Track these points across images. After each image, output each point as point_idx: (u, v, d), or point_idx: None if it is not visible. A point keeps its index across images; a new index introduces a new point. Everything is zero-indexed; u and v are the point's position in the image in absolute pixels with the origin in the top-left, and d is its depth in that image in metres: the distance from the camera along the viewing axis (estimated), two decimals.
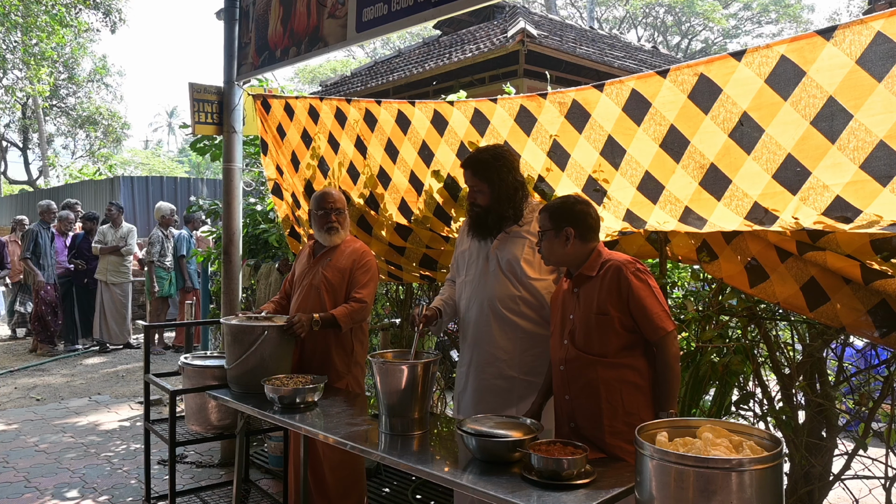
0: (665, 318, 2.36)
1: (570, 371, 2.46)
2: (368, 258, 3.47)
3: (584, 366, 2.42)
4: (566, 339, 2.49)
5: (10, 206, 20.77)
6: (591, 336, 2.41)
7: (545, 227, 2.52)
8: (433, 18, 3.04)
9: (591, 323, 2.41)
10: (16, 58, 19.51)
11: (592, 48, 12.58)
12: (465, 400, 2.95)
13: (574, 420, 2.46)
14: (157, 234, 8.86)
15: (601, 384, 2.38)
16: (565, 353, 2.48)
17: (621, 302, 2.37)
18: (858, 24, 2.11)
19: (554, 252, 2.52)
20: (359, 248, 3.50)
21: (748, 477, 1.64)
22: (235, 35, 4.51)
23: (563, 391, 2.51)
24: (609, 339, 2.39)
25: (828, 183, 2.26)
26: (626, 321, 2.38)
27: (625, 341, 2.39)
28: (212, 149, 5.53)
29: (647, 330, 2.37)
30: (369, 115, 3.90)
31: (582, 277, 2.49)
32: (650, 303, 2.36)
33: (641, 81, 2.71)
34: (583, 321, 2.44)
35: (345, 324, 3.31)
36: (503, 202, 2.84)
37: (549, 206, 2.55)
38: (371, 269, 3.45)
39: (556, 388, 2.57)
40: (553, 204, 2.56)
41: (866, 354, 2.86)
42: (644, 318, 2.35)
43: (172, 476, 3.49)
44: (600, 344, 2.40)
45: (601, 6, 31.98)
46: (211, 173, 27.73)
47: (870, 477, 2.68)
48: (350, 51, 33.42)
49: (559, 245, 2.49)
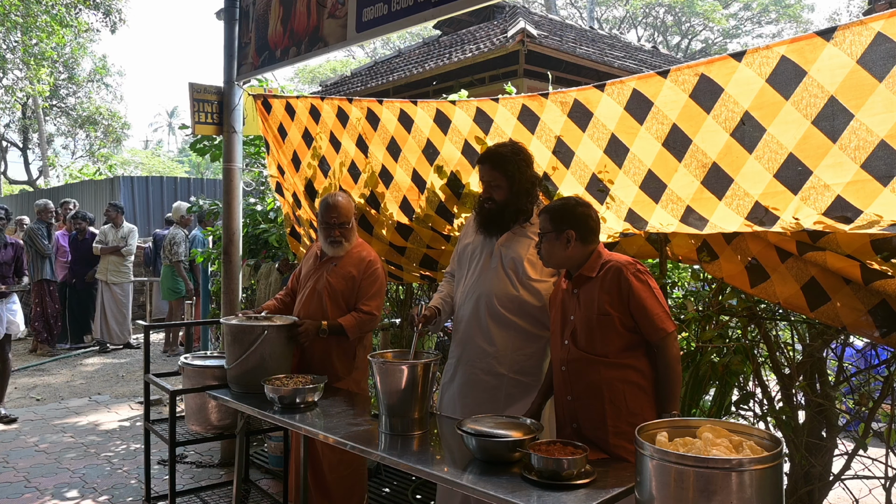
0: (665, 318, 2.36)
1: (572, 372, 2.46)
2: (376, 267, 3.43)
3: (587, 366, 2.41)
4: (567, 339, 2.48)
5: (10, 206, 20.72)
6: (593, 336, 2.41)
7: (546, 229, 2.51)
8: (433, 18, 3.04)
9: (592, 323, 2.41)
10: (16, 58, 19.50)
11: (592, 48, 12.58)
12: (451, 393, 2.94)
13: (577, 421, 2.45)
14: (180, 234, 8.77)
15: (604, 385, 2.37)
16: (567, 354, 2.48)
17: (622, 302, 2.37)
18: (858, 24, 2.12)
19: (554, 254, 2.51)
20: (366, 257, 3.44)
21: (748, 477, 1.64)
22: (235, 35, 4.51)
23: (564, 392, 2.50)
24: (611, 339, 2.38)
25: (829, 182, 2.27)
26: (626, 321, 2.37)
27: (626, 341, 2.38)
28: (212, 149, 5.53)
29: (647, 330, 2.36)
30: (371, 115, 3.90)
31: (582, 278, 2.48)
32: (651, 303, 2.35)
33: (642, 82, 2.72)
34: (584, 322, 2.43)
35: (352, 333, 3.31)
36: (522, 196, 2.83)
37: (549, 208, 2.54)
38: (379, 279, 3.42)
39: (557, 389, 2.56)
40: (553, 206, 2.55)
41: (866, 354, 2.86)
42: (645, 318, 2.35)
43: (172, 476, 3.49)
44: (602, 344, 2.39)
45: (601, 6, 31.98)
46: (211, 173, 27.73)
47: (870, 477, 2.68)
48: (350, 51, 33.42)
49: (560, 247, 2.48)
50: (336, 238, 3.39)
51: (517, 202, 2.83)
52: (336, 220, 3.38)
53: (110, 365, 8.35)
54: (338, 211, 3.39)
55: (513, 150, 2.85)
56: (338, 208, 3.39)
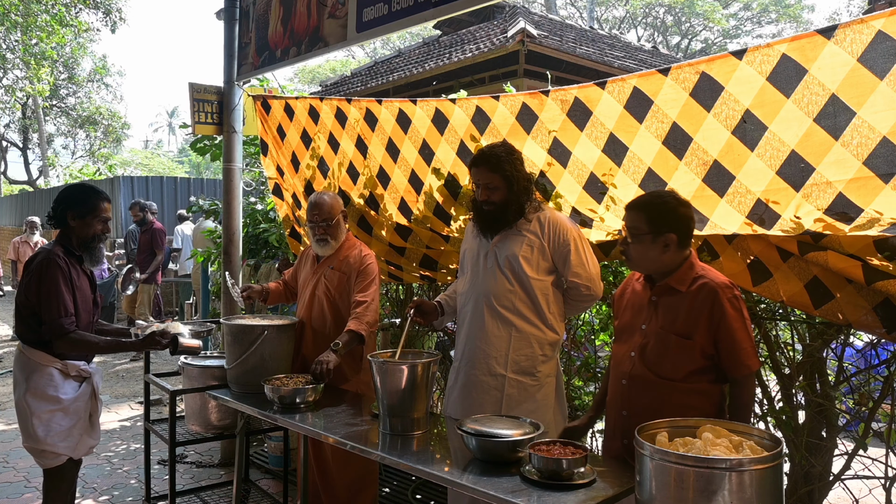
0: (752, 355, 2.16)
1: (634, 388, 2.28)
2: (369, 262, 3.41)
3: (651, 386, 2.23)
4: (634, 351, 2.29)
5: (10, 206, 20.78)
6: (665, 357, 2.21)
7: (640, 230, 2.22)
8: (433, 18, 3.03)
9: (669, 343, 2.21)
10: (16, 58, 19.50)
11: (592, 48, 12.58)
12: (453, 395, 2.94)
13: (628, 438, 2.24)
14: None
15: (665, 409, 2.14)
16: (631, 367, 2.28)
17: (709, 329, 2.15)
18: (859, 23, 2.12)
19: (647, 258, 2.24)
20: (357, 254, 3.43)
21: (748, 477, 1.64)
22: (235, 35, 4.51)
23: (620, 406, 2.32)
24: (683, 363, 2.19)
25: (831, 179, 2.27)
26: (707, 349, 2.17)
27: (699, 366, 2.19)
28: (212, 149, 5.53)
29: (729, 364, 2.16)
30: (370, 115, 3.90)
31: (667, 289, 2.24)
32: (741, 336, 2.14)
33: (643, 79, 2.72)
34: (658, 337, 2.23)
35: (364, 331, 3.23)
36: (521, 194, 2.82)
37: (644, 206, 2.25)
38: (372, 273, 3.39)
39: (612, 398, 2.38)
40: (650, 203, 2.25)
41: (866, 354, 2.85)
42: (731, 351, 2.14)
43: (172, 476, 3.48)
44: (673, 367, 2.20)
45: (601, 6, 31.98)
46: (211, 173, 27.74)
47: (870, 477, 2.68)
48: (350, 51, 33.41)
49: (655, 251, 2.21)
50: (321, 236, 3.40)
51: (517, 199, 2.82)
52: (318, 217, 3.38)
53: (110, 365, 8.35)
54: (320, 209, 3.39)
55: (507, 150, 2.84)
56: (319, 206, 3.39)
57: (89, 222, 3.02)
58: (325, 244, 3.41)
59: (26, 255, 10.17)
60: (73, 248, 3.02)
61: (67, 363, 2.98)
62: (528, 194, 2.85)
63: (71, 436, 3.00)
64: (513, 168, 2.80)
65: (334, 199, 3.45)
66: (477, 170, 2.85)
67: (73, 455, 3.05)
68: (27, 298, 2.91)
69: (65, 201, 3.03)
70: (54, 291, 2.86)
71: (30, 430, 2.95)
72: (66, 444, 2.99)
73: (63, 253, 2.96)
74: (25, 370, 2.95)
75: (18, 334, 3.02)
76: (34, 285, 2.88)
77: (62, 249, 2.98)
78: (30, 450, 3.01)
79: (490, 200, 2.83)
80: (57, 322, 2.85)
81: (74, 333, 2.89)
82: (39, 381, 2.93)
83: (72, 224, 3.01)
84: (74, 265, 3.00)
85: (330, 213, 3.39)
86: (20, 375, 2.98)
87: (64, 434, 2.97)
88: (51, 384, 2.94)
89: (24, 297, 2.93)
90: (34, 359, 2.94)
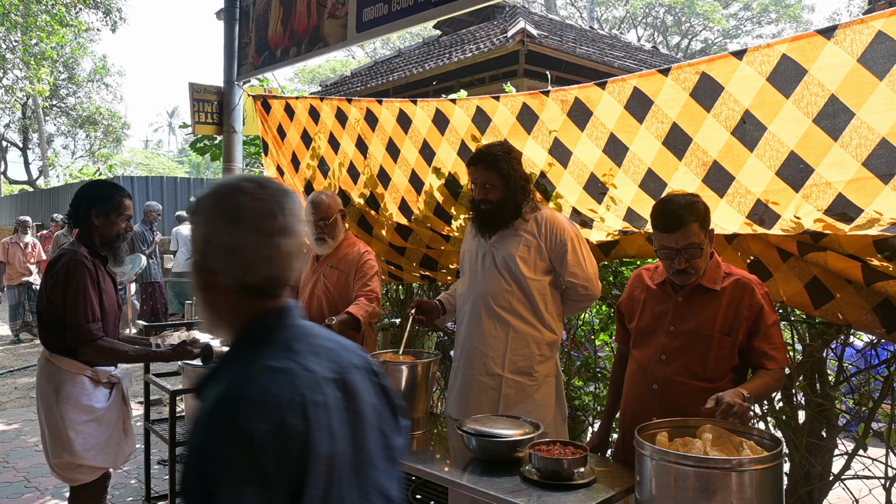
0: (785, 351, 2.19)
1: (667, 393, 2.22)
2: (368, 258, 3.42)
3: (687, 391, 2.19)
4: (665, 355, 2.25)
5: (10, 206, 20.79)
6: (706, 357, 2.18)
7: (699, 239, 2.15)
8: (433, 18, 3.04)
9: (710, 343, 2.18)
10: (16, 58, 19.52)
11: (592, 48, 12.59)
12: (452, 396, 2.95)
13: None
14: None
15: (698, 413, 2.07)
16: (663, 372, 2.24)
17: (747, 324, 2.16)
18: (859, 23, 2.12)
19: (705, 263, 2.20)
20: (356, 252, 3.43)
21: (748, 477, 1.64)
22: (235, 35, 4.51)
23: (649, 411, 2.22)
24: (723, 362, 2.18)
25: (831, 180, 2.27)
26: (741, 344, 2.18)
27: (732, 364, 2.19)
28: (212, 149, 5.53)
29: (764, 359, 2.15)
30: (370, 115, 3.90)
31: (700, 289, 2.21)
32: (775, 331, 2.17)
33: (643, 80, 2.72)
34: (694, 338, 2.20)
35: (363, 317, 3.23)
36: (518, 193, 2.82)
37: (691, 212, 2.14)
38: (373, 267, 3.40)
39: (639, 404, 2.31)
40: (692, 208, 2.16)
41: (866, 354, 2.85)
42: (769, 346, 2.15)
43: (172, 476, 3.48)
44: (714, 368, 2.18)
45: (601, 6, 31.99)
46: (211, 173, 27.73)
47: (870, 477, 2.68)
48: (350, 51, 33.42)
49: (707, 255, 2.20)
50: (318, 235, 3.40)
51: (515, 198, 2.82)
52: (316, 216, 3.38)
53: None
54: (317, 208, 3.38)
55: (504, 150, 2.85)
56: (317, 205, 3.39)
57: (114, 220, 2.85)
58: (323, 243, 3.42)
59: (16, 256, 9.94)
60: (96, 248, 2.85)
61: (98, 370, 2.81)
62: (526, 194, 2.85)
63: (108, 448, 2.83)
64: (510, 167, 2.80)
65: (332, 199, 3.45)
66: (474, 168, 2.85)
67: (113, 466, 2.90)
68: (50, 303, 2.70)
69: (88, 199, 2.84)
70: (81, 295, 2.67)
71: (65, 443, 2.72)
72: (103, 458, 2.82)
73: (88, 253, 2.79)
74: (54, 380, 2.75)
75: (43, 341, 2.82)
76: (60, 288, 2.67)
77: (87, 250, 2.80)
78: (61, 466, 2.78)
79: (487, 199, 2.83)
80: (84, 328, 2.67)
81: (102, 340, 2.72)
82: (72, 391, 2.73)
83: (95, 222, 2.83)
84: (99, 266, 2.83)
85: (327, 212, 3.39)
86: (47, 387, 2.75)
87: (101, 447, 2.80)
88: (84, 393, 2.75)
89: (46, 302, 2.72)
90: (64, 367, 2.74)
